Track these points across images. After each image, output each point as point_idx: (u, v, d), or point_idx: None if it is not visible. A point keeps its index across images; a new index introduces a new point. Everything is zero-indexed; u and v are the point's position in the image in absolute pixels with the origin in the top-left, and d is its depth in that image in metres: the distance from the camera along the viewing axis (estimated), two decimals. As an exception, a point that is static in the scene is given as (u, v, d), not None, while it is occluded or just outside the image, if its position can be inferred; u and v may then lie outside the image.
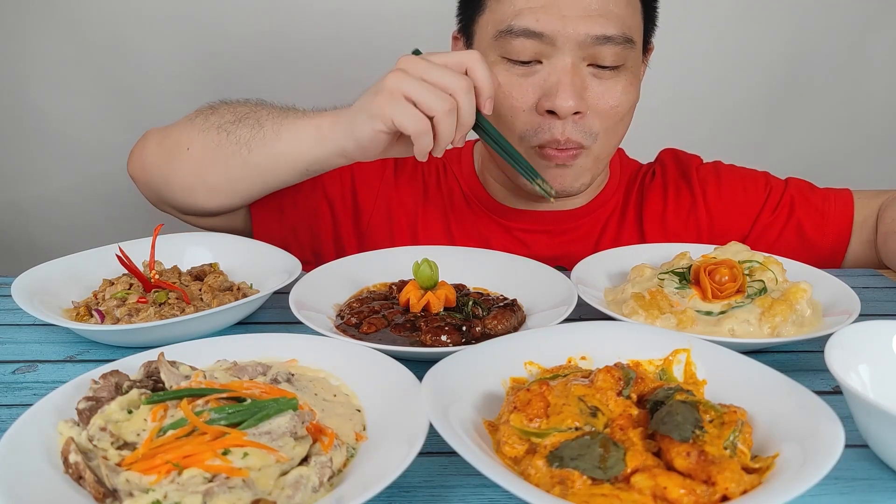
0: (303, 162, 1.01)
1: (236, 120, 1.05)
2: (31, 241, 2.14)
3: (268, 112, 1.05)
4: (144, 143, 1.15)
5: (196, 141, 1.06)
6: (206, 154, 1.05)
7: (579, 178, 1.11)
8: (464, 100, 0.86)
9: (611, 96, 1.05)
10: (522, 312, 0.90)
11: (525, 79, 1.05)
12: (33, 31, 1.94)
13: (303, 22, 1.96)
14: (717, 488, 0.51)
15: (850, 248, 1.20)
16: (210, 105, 1.13)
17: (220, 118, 1.07)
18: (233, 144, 1.03)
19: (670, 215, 1.23)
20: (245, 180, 1.05)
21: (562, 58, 1.02)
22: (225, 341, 0.75)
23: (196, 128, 1.08)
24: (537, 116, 1.05)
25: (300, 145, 1.00)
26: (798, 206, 1.22)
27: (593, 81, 1.04)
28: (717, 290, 0.88)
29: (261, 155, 1.02)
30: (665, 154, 1.32)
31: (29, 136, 2.04)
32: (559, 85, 1.02)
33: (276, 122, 1.02)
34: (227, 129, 1.05)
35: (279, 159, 1.01)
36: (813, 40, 2.05)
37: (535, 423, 0.58)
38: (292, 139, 1.00)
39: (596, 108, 1.05)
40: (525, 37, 1.02)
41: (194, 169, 1.07)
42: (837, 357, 0.64)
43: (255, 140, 1.02)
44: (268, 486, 0.53)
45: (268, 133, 1.02)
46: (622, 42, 1.02)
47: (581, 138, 1.06)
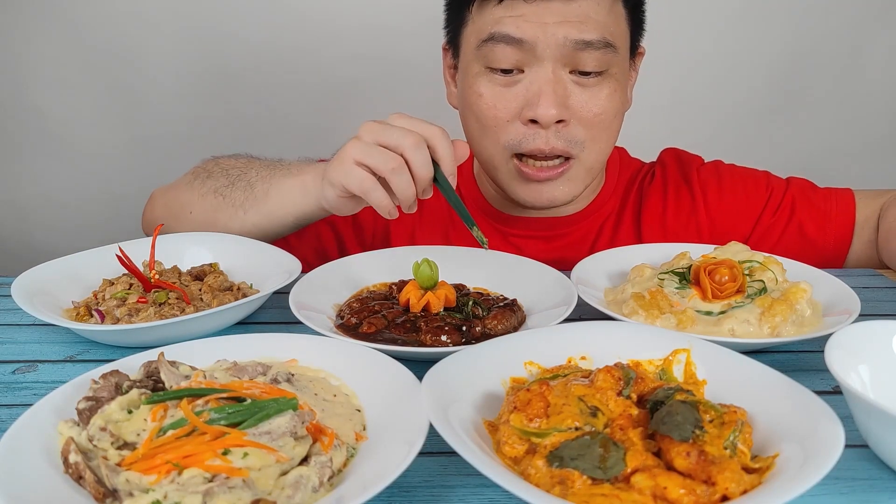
0: (291, 217, 1.07)
1: (230, 184, 1.13)
2: (31, 241, 2.14)
3: (256, 172, 1.12)
4: (152, 205, 1.25)
5: (197, 205, 1.15)
6: (208, 216, 1.13)
7: (570, 190, 1.12)
8: (414, 155, 0.87)
9: (594, 104, 1.05)
10: (522, 312, 0.90)
11: (507, 89, 1.06)
12: (33, 33, 1.94)
13: (302, 24, 1.96)
14: (717, 488, 0.51)
15: (852, 248, 1.20)
16: (205, 166, 1.21)
17: (216, 182, 1.15)
18: (229, 207, 1.11)
19: (670, 217, 1.23)
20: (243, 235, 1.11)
21: (543, 66, 1.03)
22: (225, 341, 0.75)
23: (196, 192, 1.15)
24: (521, 126, 1.06)
25: (289, 202, 1.06)
26: (799, 206, 1.22)
27: (576, 89, 1.05)
28: (717, 290, 0.88)
29: (256, 215, 1.09)
30: (666, 154, 1.31)
31: (29, 136, 2.04)
32: (541, 94, 1.02)
33: (264, 182, 1.10)
34: (222, 193, 1.13)
35: (272, 217, 1.08)
36: (813, 41, 2.05)
37: (535, 423, 0.58)
38: (281, 198, 1.07)
39: (579, 115, 1.05)
40: (506, 43, 1.03)
41: (198, 229, 1.14)
42: (837, 357, 0.64)
43: (248, 202, 1.10)
44: (268, 486, 0.53)
45: (258, 195, 1.09)
46: (602, 47, 1.02)
47: (566, 147, 1.06)
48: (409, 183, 0.88)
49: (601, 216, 1.24)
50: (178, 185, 1.20)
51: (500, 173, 1.12)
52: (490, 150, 1.11)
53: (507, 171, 1.11)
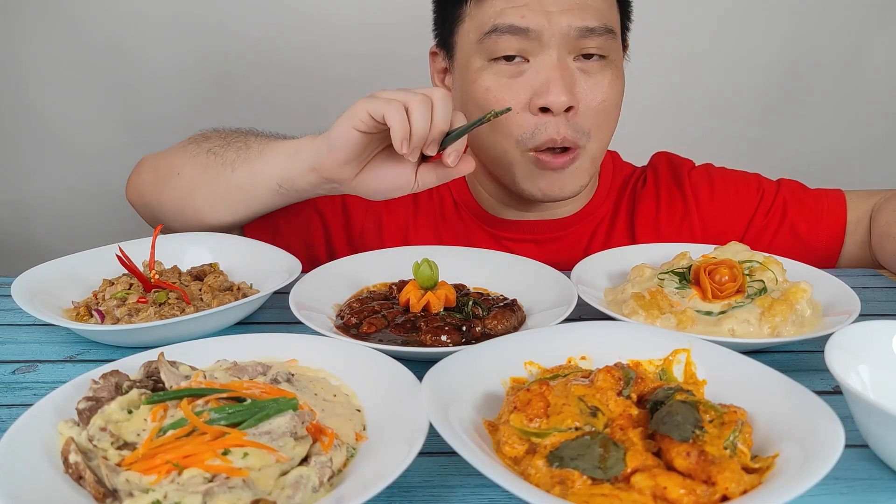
0: (275, 177, 1.02)
1: (226, 144, 1.09)
2: (31, 241, 2.14)
3: (257, 137, 1.09)
4: (140, 169, 1.20)
5: (187, 165, 1.10)
6: (195, 177, 1.09)
7: (578, 181, 1.11)
8: (438, 98, 0.86)
9: (599, 90, 1.06)
10: (522, 312, 0.90)
11: (514, 80, 1.05)
12: (33, 32, 1.94)
13: (301, 24, 1.96)
14: (717, 488, 0.51)
15: (844, 249, 1.20)
16: (203, 133, 1.17)
17: (212, 143, 1.10)
18: (219, 166, 1.06)
19: (663, 221, 1.23)
20: (228, 199, 1.08)
21: (548, 54, 1.03)
22: (225, 341, 0.75)
23: (188, 153, 1.12)
24: (531, 117, 1.05)
25: (276, 162, 1.02)
26: (791, 207, 1.22)
27: (581, 76, 1.05)
28: (717, 290, 0.88)
29: (242, 174, 1.05)
30: (658, 158, 1.31)
31: (29, 136, 2.04)
32: (550, 81, 1.02)
33: (262, 144, 1.06)
34: (215, 152, 1.08)
35: (256, 176, 1.04)
36: (812, 40, 2.05)
37: (535, 423, 0.58)
38: (271, 157, 1.03)
39: (585, 102, 1.06)
40: (511, 34, 1.03)
41: (184, 192, 1.10)
42: (837, 357, 0.64)
43: (239, 160, 1.05)
44: (268, 486, 0.53)
45: (252, 153, 1.05)
46: (604, 33, 1.04)
47: (576, 137, 1.06)
48: (427, 119, 0.85)
49: (594, 220, 1.24)
50: (171, 149, 1.17)
51: (516, 167, 1.10)
52: (502, 145, 1.09)
53: (523, 164, 1.09)
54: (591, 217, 1.24)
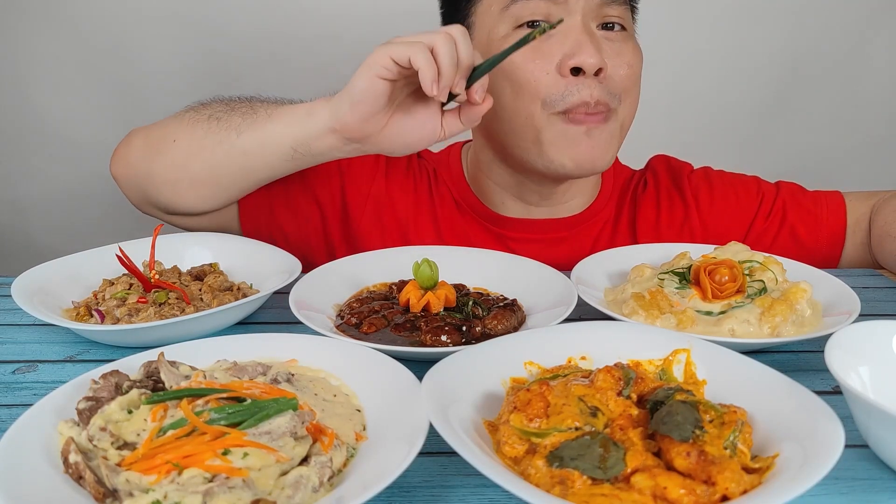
0: (289, 140, 0.97)
1: (229, 109, 1.03)
2: (31, 241, 2.14)
3: (263, 102, 1.03)
4: (129, 140, 1.13)
5: (184, 132, 1.04)
6: (193, 143, 1.02)
7: (609, 150, 1.07)
8: (458, 35, 0.83)
9: (625, 57, 1.06)
10: (522, 312, 0.90)
11: (542, 43, 1.03)
12: (33, 32, 1.94)
13: (301, 21, 1.96)
14: (717, 488, 0.51)
15: (844, 251, 1.20)
16: (201, 102, 1.11)
17: (213, 109, 1.05)
18: (223, 130, 1.00)
19: (664, 225, 1.22)
20: (230, 167, 1.02)
21: (574, 18, 1.02)
22: (225, 341, 0.75)
23: (185, 121, 1.05)
24: (561, 79, 1.02)
25: (289, 124, 0.96)
26: (790, 210, 1.22)
27: (607, 43, 1.05)
28: (717, 290, 0.88)
29: (249, 138, 0.99)
30: (656, 161, 1.31)
31: (29, 136, 2.04)
32: (580, 43, 1.01)
33: (270, 108, 1.00)
34: (217, 117, 1.02)
35: (266, 140, 0.98)
36: (811, 40, 2.05)
37: (535, 423, 0.58)
38: (282, 120, 0.97)
39: (613, 68, 1.05)
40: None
41: (179, 160, 1.04)
42: (837, 357, 0.64)
43: (245, 124, 0.99)
44: (268, 486, 0.53)
45: (260, 117, 0.99)
46: (624, 3, 1.05)
47: (609, 99, 1.04)
48: (454, 56, 0.82)
49: (599, 221, 1.23)
50: (165, 119, 1.11)
51: (544, 133, 1.05)
52: (528, 110, 1.04)
53: (551, 129, 1.04)
54: (596, 218, 1.23)
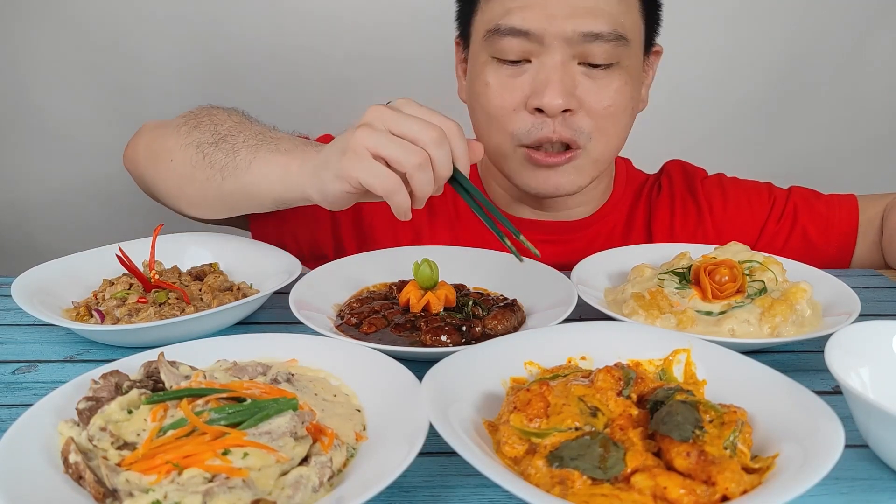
0: (270, 199, 0.97)
1: (214, 142, 1.02)
2: (31, 241, 2.14)
3: (244, 138, 1.00)
4: (137, 139, 1.16)
5: (178, 155, 1.05)
6: (185, 170, 1.04)
7: (575, 181, 1.10)
8: (437, 152, 0.79)
9: (604, 95, 1.04)
10: (522, 312, 0.90)
11: (514, 79, 1.05)
12: (33, 32, 1.94)
13: (301, 22, 1.96)
14: (717, 488, 0.51)
15: (856, 252, 1.21)
16: (196, 113, 1.11)
17: (201, 135, 1.04)
18: (208, 168, 1.00)
19: (678, 228, 1.23)
20: (219, 201, 1.03)
21: (550, 56, 1.02)
22: (225, 341, 0.75)
23: (180, 140, 1.06)
24: (528, 115, 1.04)
25: (268, 183, 0.95)
26: (802, 212, 1.22)
27: (585, 80, 1.04)
28: (717, 290, 0.88)
29: (233, 185, 0.99)
30: (671, 166, 1.32)
31: (29, 136, 2.04)
32: (547, 83, 1.01)
33: (250, 151, 0.98)
34: (203, 151, 1.02)
35: (250, 192, 0.98)
36: (813, 41, 2.04)
37: (535, 423, 0.58)
38: (261, 175, 0.96)
39: (588, 106, 1.04)
40: (512, 35, 1.02)
41: (176, 181, 1.06)
42: (837, 357, 0.64)
43: (227, 168, 0.99)
44: (268, 486, 0.53)
45: (240, 163, 0.98)
46: (613, 39, 1.01)
47: (572, 136, 1.05)
48: (430, 181, 0.79)
49: (609, 223, 1.24)
50: (167, 126, 1.11)
51: (509, 162, 1.10)
52: (497, 140, 1.09)
53: (515, 158, 1.09)
54: (606, 220, 1.24)
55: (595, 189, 1.22)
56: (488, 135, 1.11)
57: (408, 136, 0.79)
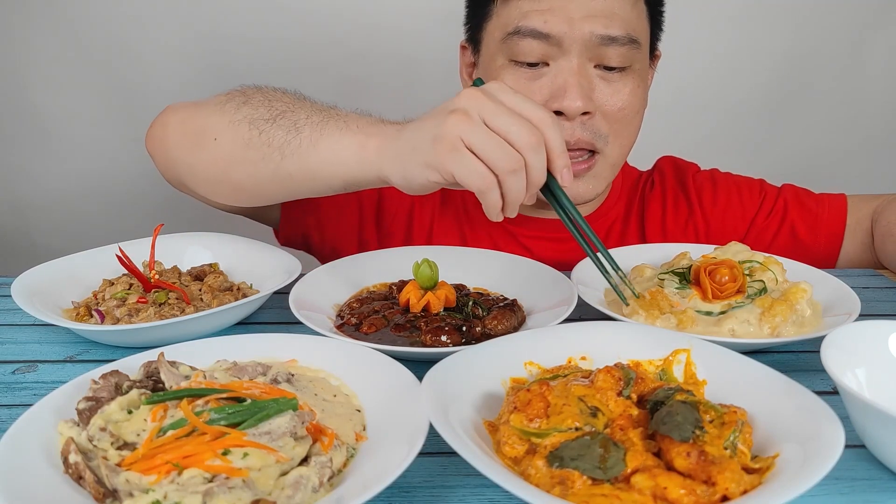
0: (340, 181, 0.89)
1: (271, 118, 0.93)
2: (31, 241, 2.14)
3: (307, 115, 0.92)
4: (165, 120, 1.06)
5: (225, 133, 0.95)
6: (236, 150, 0.94)
7: (594, 188, 1.11)
8: (533, 159, 0.75)
9: (619, 98, 1.06)
10: (522, 312, 0.90)
11: (533, 82, 1.05)
12: (33, 32, 1.94)
13: (303, 22, 1.96)
14: (718, 488, 0.51)
15: (843, 251, 1.21)
16: (243, 90, 1.01)
17: (254, 111, 0.95)
18: (265, 146, 0.91)
19: (670, 223, 1.24)
20: (274, 185, 0.95)
21: (568, 59, 1.03)
22: (225, 341, 0.75)
23: (227, 117, 0.96)
24: None
25: (340, 163, 0.87)
26: (791, 209, 1.23)
27: (600, 83, 1.05)
28: (718, 291, 0.88)
29: (295, 165, 0.90)
30: (663, 162, 1.33)
31: (29, 136, 2.04)
32: (567, 86, 1.02)
33: (315, 129, 0.90)
34: (259, 127, 0.93)
35: (315, 173, 0.90)
36: (812, 42, 2.05)
37: (535, 424, 0.58)
38: (332, 154, 0.88)
39: (604, 109, 1.05)
40: (532, 38, 1.02)
41: (221, 163, 0.97)
42: (833, 357, 0.64)
43: (289, 146, 0.90)
44: (268, 487, 0.53)
45: (304, 141, 0.89)
46: (627, 43, 1.03)
47: (591, 139, 1.06)
48: (522, 188, 0.76)
49: (608, 220, 1.25)
50: (206, 104, 1.01)
51: None
52: None
53: None
54: (605, 217, 1.25)
55: None
56: None
57: (506, 136, 0.74)
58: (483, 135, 0.74)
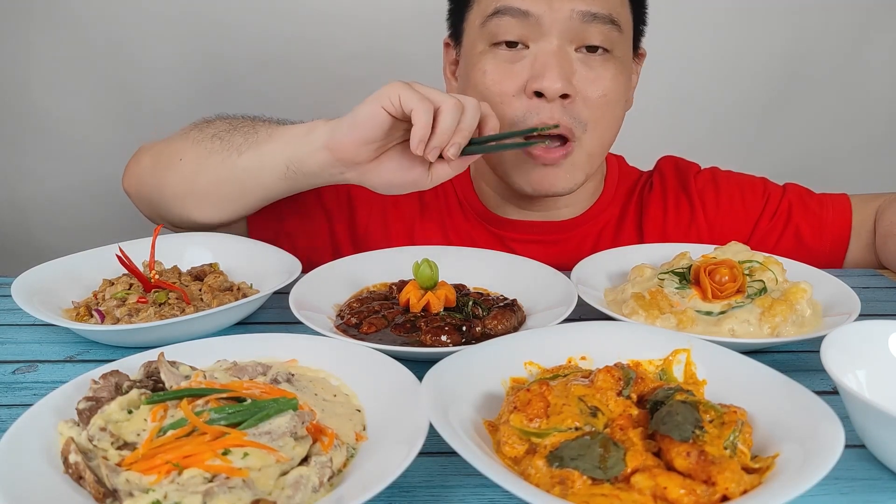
0: (284, 158, 0.98)
1: (232, 129, 1.05)
2: (31, 241, 2.14)
3: (266, 121, 1.05)
4: (139, 157, 1.16)
5: (189, 151, 1.06)
6: (200, 161, 1.04)
7: (572, 178, 1.09)
8: (469, 106, 0.88)
9: (600, 83, 1.05)
10: (522, 312, 0.90)
11: (513, 64, 1.05)
12: (34, 32, 1.94)
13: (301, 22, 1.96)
14: (717, 488, 0.51)
15: (849, 252, 1.20)
16: (206, 119, 1.13)
17: (216, 128, 1.07)
18: (225, 150, 1.02)
19: (671, 226, 1.23)
20: (233, 184, 1.03)
21: (548, 40, 1.03)
22: (225, 341, 0.75)
23: (190, 139, 1.08)
24: (526, 100, 1.04)
25: (287, 142, 0.98)
26: (796, 211, 1.22)
27: (581, 67, 1.04)
28: (718, 290, 0.88)
29: (249, 157, 1.00)
30: (664, 162, 1.31)
31: (29, 136, 2.04)
32: (546, 67, 1.02)
33: (272, 128, 1.02)
34: (221, 137, 1.04)
35: (263, 158, 0.99)
36: (811, 41, 2.05)
37: (535, 423, 0.58)
38: (282, 138, 0.99)
39: (584, 94, 1.05)
40: (511, 16, 1.03)
41: (186, 177, 1.06)
42: (833, 357, 0.64)
43: (247, 143, 1.01)
44: (268, 486, 0.53)
45: (261, 136, 1.01)
46: (608, 22, 1.03)
47: (570, 123, 1.05)
48: (452, 125, 0.86)
49: (599, 223, 1.23)
50: (171, 136, 1.13)
51: (505, 157, 1.10)
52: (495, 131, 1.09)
53: (512, 154, 1.09)
54: (596, 220, 1.23)
55: (584, 190, 1.21)
56: None
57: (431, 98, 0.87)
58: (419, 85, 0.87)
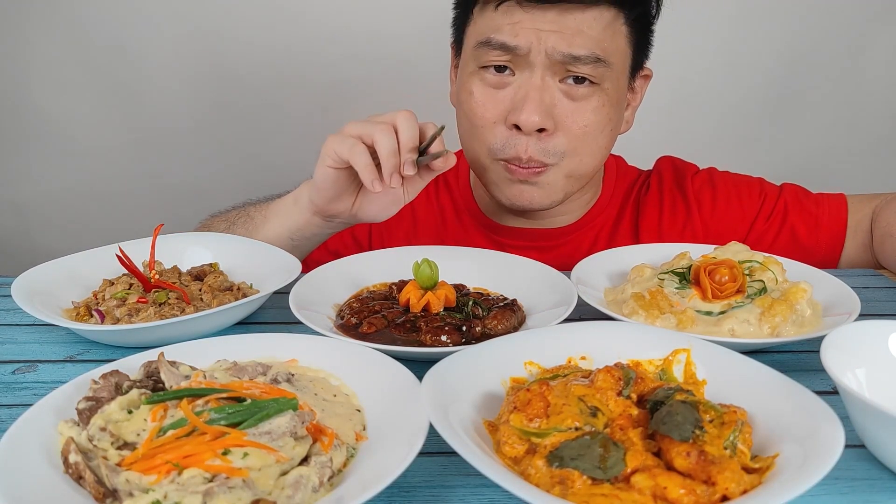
0: (286, 232, 1.09)
1: (231, 224, 1.16)
2: (31, 241, 2.14)
3: (255, 207, 1.16)
4: None
5: None
6: None
7: (548, 196, 1.12)
8: (400, 120, 0.92)
9: (580, 116, 1.05)
10: (522, 312, 0.90)
11: (497, 91, 1.07)
12: (34, 32, 1.94)
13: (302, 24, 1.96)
14: (717, 488, 0.51)
15: (844, 252, 1.21)
16: (205, 223, 1.25)
17: (217, 229, 1.18)
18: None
19: (666, 226, 1.23)
20: None
21: (533, 72, 1.04)
22: (225, 341, 0.75)
23: None
24: (505, 130, 1.07)
25: (282, 219, 1.09)
26: (792, 211, 1.22)
27: (563, 100, 1.05)
28: (717, 290, 0.88)
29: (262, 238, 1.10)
30: (662, 163, 1.32)
31: (29, 136, 2.04)
32: (525, 100, 1.03)
33: (262, 210, 1.13)
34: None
35: (269, 240, 1.08)
36: (812, 42, 2.05)
37: (535, 423, 0.58)
38: (277, 217, 1.10)
39: (565, 126, 1.06)
40: (501, 50, 1.04)
41: None
42: (833, 357, 0.64)
43: (249, 233, 1.12)
44: (268, 486, 0.53)
45: (257, 222, 1.13)
46: (592, 62, 1.03)
47: (543, 157, 1.06)
48: (393, 147, 0.91)
49: (595, 227, 1.24)
50: None
51: (488, 173, 1.13)
52: (477, 150, 1.12)
53: (493, 170, 1.12)
54: (593, 224, 1.24)
55: (578, 200, 1.22)
56: (471, 143, 1.14)
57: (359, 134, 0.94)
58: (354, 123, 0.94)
